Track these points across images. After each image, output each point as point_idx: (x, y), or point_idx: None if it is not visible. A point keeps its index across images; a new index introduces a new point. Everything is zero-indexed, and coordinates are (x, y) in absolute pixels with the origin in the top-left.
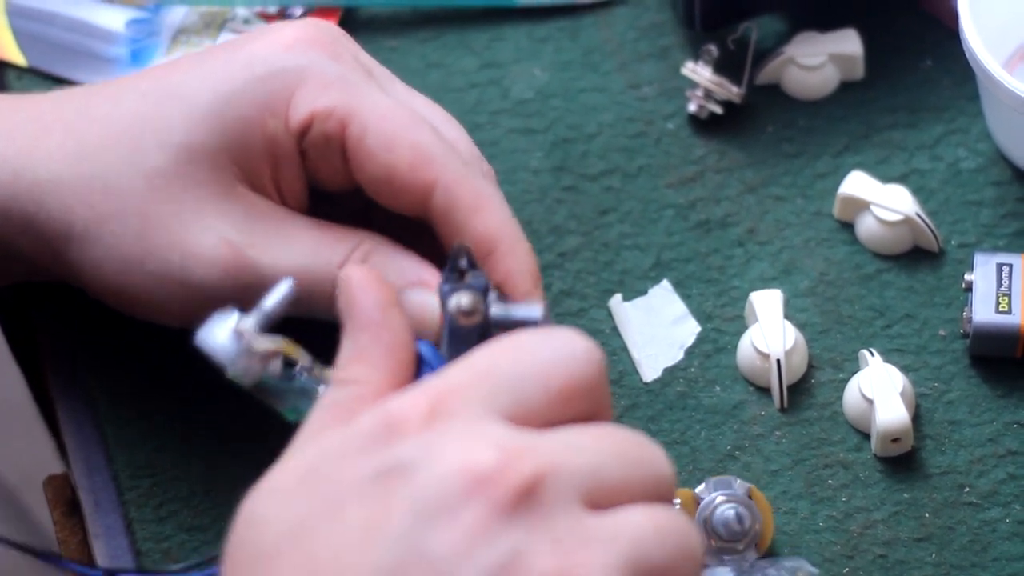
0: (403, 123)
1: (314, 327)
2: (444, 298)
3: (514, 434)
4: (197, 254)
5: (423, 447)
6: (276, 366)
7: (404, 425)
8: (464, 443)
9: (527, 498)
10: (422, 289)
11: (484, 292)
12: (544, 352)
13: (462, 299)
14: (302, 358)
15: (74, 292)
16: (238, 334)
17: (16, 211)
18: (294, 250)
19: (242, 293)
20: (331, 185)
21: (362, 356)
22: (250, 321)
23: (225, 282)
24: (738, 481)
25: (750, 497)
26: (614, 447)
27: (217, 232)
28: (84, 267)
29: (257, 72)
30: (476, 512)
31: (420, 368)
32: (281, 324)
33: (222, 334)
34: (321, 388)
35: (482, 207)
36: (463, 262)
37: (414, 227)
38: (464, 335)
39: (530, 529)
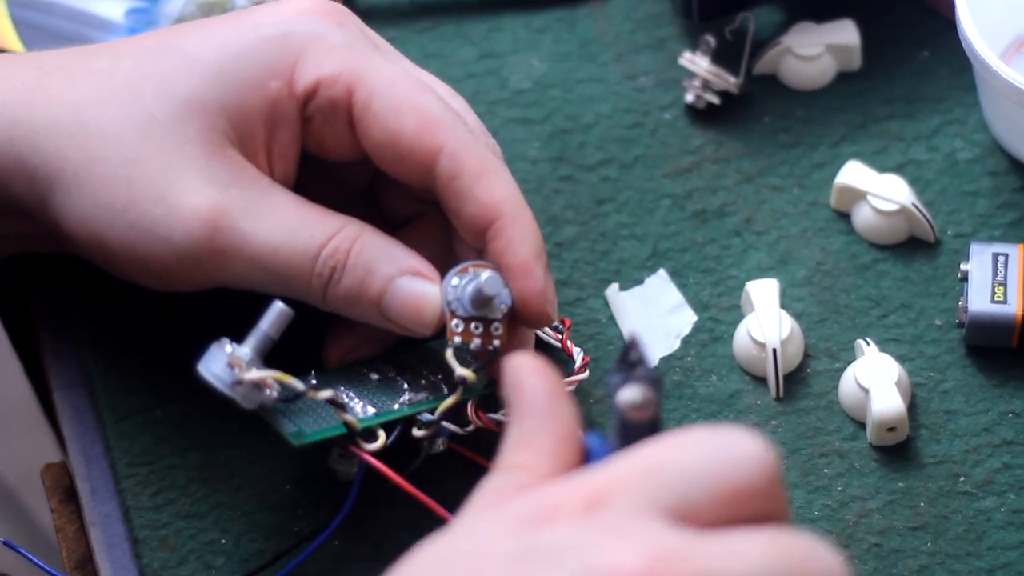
0: (410, 89)
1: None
2: (615, 390)
3: (670, 537)
4: (179, 210)
5: (574, 538)
6: (273, 391)
7: (559, 513)
8: (616, 541)
9: None
10: (417, 278)
11: (656, 384)
12: (713, 452)
13: (634, 392)
14: (295, 384)
15: (73, 282)
16: (231, 365)
17: (10, 154)
18: (276, 222)
19: (218, 257)
20: (336, 155)
21: (528, 442)
22: (245, 349)
23: (203, 243)
24: None
25: None
26: (778, 555)
27: (202, 192)
28: (70, 213)
29: (264, 34)
30: None
31: (587, 459)
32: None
33: (217, 365)
34: (320, 396)
35: (487, 175)
36: (635, 353)
37: (417, 204)
38: (634, 429)
39: None
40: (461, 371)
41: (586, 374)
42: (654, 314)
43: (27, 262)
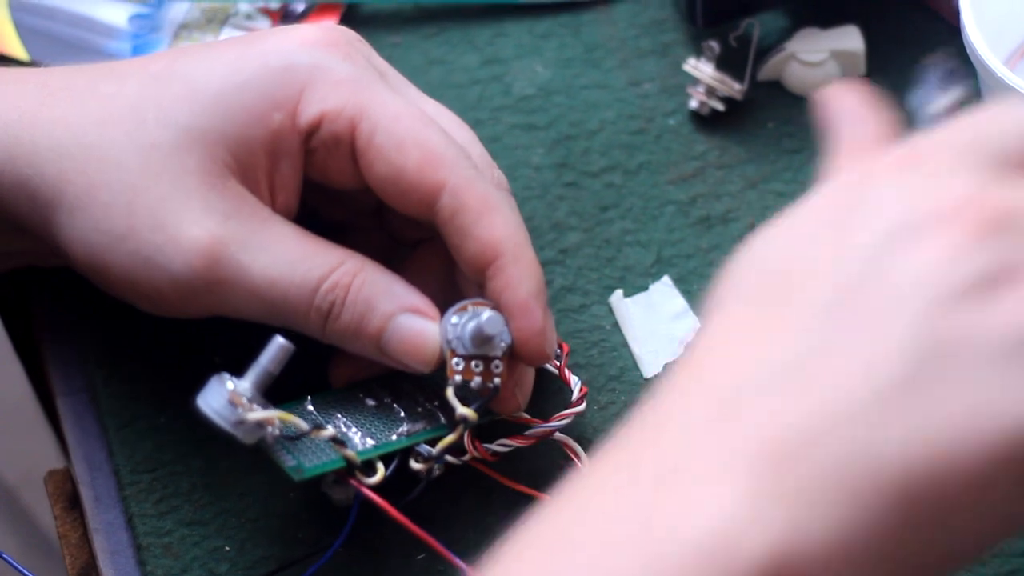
0: (414, 124)
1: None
2: (926, 98)
3: (986, 179)
4: (178, 240)
5: (891, 186)
6: (274, 429)
7: (874, 172)
8: (933, 183)
9: (999, 228)
10: (416, 315)
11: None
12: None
13: (946, 98)
14: (299, 424)
15: (75, 287)
16: (233, 403)
17: (12, 174)
18: (275, 255)
19: (216, 288)
20: (340, 184)
21: (847, 148)
22: (245, 384)
23: (201, 274)
24: None
25: None
26: None
27: (201, 223)
28: (71, 236)
29: (270, 66)
30: (941, 240)
31: None
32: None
33: (218, 401)
34: (323, 435)
35: (489, 212)
36: (942, 64)
37: (425, 229)
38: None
39: (996, 257)
40: (463, 410)
41: (583, 406)
42: (658, 320)
43: (30, 268)
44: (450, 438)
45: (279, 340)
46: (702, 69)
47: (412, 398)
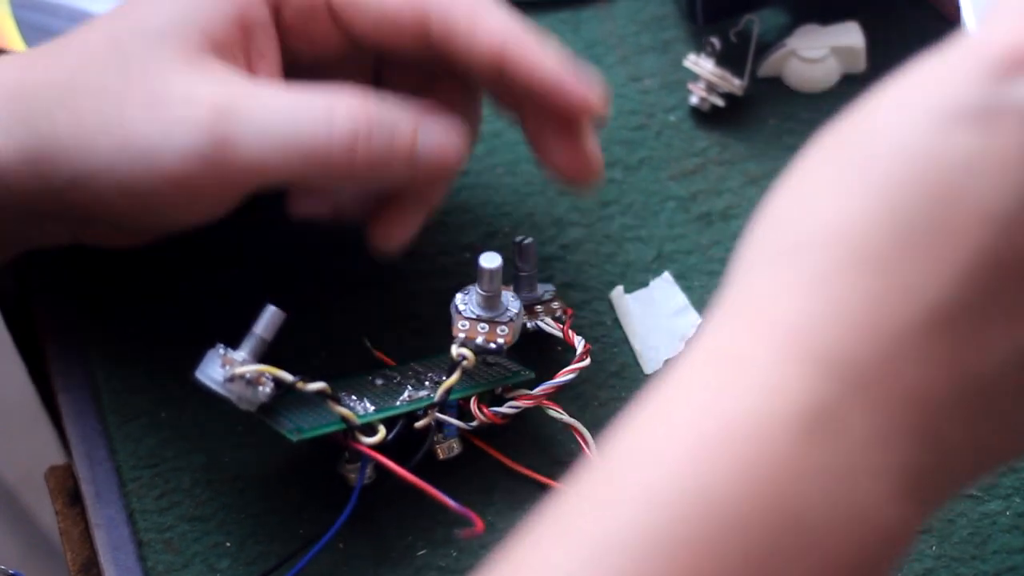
0: None
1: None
2: None
3: None
4: (184, 104)
5: None
6: (267, 387)
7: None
8: None
9: None
10: (434, 116)
11: None
12: None
13: None
14: (284, 376)
15: (77, 284)
16: (224, 364)
17: (20, 150)
18: (278, 101)
19: (227, 146)
20: (332, 49)
21: (994, 16)
22: (241, 352)
23: (209, 130)
24: None
25: None
26: None
27: (200, 88)
28: (65, 164)
29: None
30: None
31: None
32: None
33: (212, 368)
34: (310, 388)
35: (478, 18)
36: None
37: (426, 85)
38: None
39: None
40: (459, 349)
41: (587, 361)
42: (659, 316)
43: (31, 264)
44: (449, 381)
45: (271, 308)
46: (702, 65)
47: (420, 377)
